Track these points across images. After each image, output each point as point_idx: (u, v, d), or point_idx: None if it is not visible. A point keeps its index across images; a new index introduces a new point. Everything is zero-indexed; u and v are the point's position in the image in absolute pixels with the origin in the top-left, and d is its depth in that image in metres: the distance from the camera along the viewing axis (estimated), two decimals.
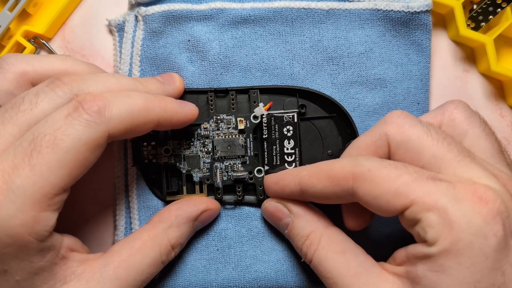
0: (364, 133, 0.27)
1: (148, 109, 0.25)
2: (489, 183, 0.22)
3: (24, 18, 0.33)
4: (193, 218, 0.29)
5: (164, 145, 0.30)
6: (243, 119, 0.31)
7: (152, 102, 0.26)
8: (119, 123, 0.24)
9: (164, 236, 0.27)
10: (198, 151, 0.31)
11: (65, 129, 0.23)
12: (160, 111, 0.26)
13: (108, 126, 0.24)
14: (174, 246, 0.28)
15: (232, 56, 0.31)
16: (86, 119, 0.23)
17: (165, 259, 0.27)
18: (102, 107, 0.24)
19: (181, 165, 0.30)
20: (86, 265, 0.25)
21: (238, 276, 0.30)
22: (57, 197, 0.23)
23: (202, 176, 0.31)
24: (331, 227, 0.27)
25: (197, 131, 0.31)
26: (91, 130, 0.23)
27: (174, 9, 0.31)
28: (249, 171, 0.31)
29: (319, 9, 0.32)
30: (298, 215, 0.28)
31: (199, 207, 0.29)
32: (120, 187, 0.31)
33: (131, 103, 0.25)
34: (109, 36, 0.34)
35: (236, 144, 0.30)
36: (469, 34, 0.32)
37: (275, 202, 0.29)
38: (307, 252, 0.27)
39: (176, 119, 0.27)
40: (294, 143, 0.31)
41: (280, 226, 0.29)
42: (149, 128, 0.26)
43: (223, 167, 0.31)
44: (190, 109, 0.28)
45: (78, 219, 0.32)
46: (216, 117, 0.31)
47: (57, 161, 0.23)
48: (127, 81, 0.27)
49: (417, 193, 0.22)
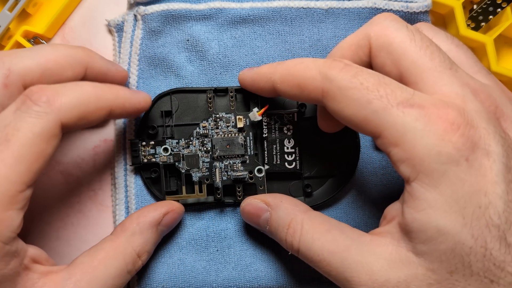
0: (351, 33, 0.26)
1: (99, 96, 0.25)
2: (466, 100, 0.22)
3: (24, 18, 0.33)
4: (156, 223, 0.28)
5: (163, 144, 0.30)
6: (242, 117, 0.30)
7: (102, 89, 0.26)
8: (70, 111, 0.24)
9: (127, 245, 0.27)
10: (197, 150, 0.30)
11: (15, 124, 0.22)
12: (111, 98, 0.26)
13: (59, 115, 0.23)
14: (140, 254, 0.27)
15: (231, 55, 0.31)
16: (35, 110, 0.23)
17: (131, 269, 0.27)
18: (51, 97, 0.23)
19: (180, 165, 0.30)
20: (48, 278, 0.24)
21: (238, 275, 0.30)
22: (20, 194, 0.22)
23: (201, 175, 0.30)
24: (310, 211, 0.27)
25: (196, 129, 0.30)
26: (42, 120, 0.23)
27: (173, 9, 0.31)
28: (249, 170, 0.30)
29: (318, 8, 0.32)
30: (275, 206, 0.27)
31: (161, 211, 0.28)
32: (120, 187, 0.31)
33: (81, 91, 0.25)
34: (109, 36, 0.34)
35: (235, 143, 0.30)
36: (469, 34, 0.32)
37: (251, 200, 0.28)
38: (292, 240, 0.26)
39: (129, 106, 0.27)
40: (294, 142, 0.30)
41: (261, 224, 0.28)
42: (102, 115, 0.26)
43: (223, 166, 0.30)
44: (143, 97, 0.28)
45: (78, 219, 0.32)
46: (215, 116, 0.30)
47: (13, 157, 0.22)
48: (65, 48, 0.27)
49: (385, 124, 0.21)
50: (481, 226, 0.20)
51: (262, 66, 0.27)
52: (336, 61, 0.23)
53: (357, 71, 0.23)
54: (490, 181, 0.20)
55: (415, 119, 0.21)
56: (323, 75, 0.23)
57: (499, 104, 0.24)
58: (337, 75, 0.23)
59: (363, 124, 0.22)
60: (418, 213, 0.21)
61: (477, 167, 0.20)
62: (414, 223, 0.21)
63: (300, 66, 0.24)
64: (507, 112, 0.24)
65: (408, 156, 0.21)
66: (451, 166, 0.20)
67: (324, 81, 0.23)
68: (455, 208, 0.20)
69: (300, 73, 0.24)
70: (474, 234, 0.20)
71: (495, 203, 0.20)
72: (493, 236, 0.20)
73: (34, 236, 0.31)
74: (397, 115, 0.21)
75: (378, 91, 0.22)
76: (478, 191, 0.20)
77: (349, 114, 0.22)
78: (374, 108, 0.22)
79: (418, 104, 0.21)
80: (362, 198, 0.31)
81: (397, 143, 0.21)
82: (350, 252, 0.23)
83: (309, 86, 0.24)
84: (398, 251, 0.22)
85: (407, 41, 0.23)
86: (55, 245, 0.31)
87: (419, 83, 0.23)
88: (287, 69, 0.25)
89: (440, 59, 0.23)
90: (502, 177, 0.20)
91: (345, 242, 0.24)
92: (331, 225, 0.25)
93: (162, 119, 0.30)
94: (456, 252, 0.20)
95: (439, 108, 0.21)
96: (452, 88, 0.22)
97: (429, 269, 0.21)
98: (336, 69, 0.23)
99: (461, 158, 0.20)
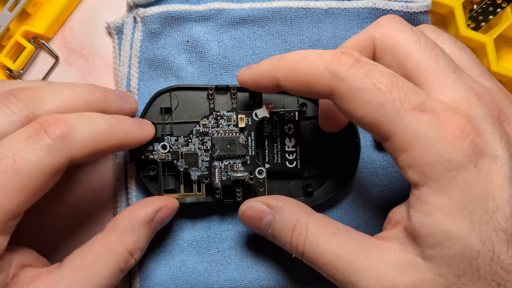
0: (355, 34, 0.26)
1: (111, 134, 0.25)
2: (471, 104, 0.22)
3: (24, 18, 0.33)
4: (148, 220, 0.27)
5: (162, 140, 0.29)
6: (244, 117, 0.30)
7: (114, 127, 0.25)
8: (82, 149, 0.23)
9: (119, 243, 0.26)
10: (197, 148, 0.30)
11: (25, 153, 0.22)
12: (121, 136, 0.26)
13: (71, 152, 0.23)
14: (132, 252, 0.26)
15: (231, 56, 0.31)
16: (48, 143, 0.22)
17: (124, 267, 0.26)
18: (66, 132, 0.23)
19: (178, 163, 0.30)
20: (38, 281, 0.24)
21: (239, 276, 0.30)
22: (10, 221, 0.22)
23: (200, 175, 0.29)
24: (314, 213, 0.26)
25: (195, 127, 0.30)
26: (52, 156, 0.22)
27: (172, 10, 0.31)
28: (249, 171, 0.29)
29: (318, 9, 0.32)
30: (278, 208, 0.26)
31: (153, 207, 0.28)
32: (120, 187, 0.31)
33: (94, 128, 0.24)
34: (109, 36, 0.34)
35: (236, 143, 0.29)
36: (469, 34, 0.32)
37: (252, 202, 0.27)
38: (298, 243, 0.25)
39: (135, 142, 0.27)
40: (295, 141, 0.30)
41: (262, 228, 0.27)
42: (109, 152, 0.26)
43: (222, 166, 0.29)
44: (148, 131, 0.28)
45: (78, 219, 0.32)
46: (216, 113, 0.30)
47: (15, 186, 0.22)
48: (84, 92, 0.26)
49: (397, 129, 0.21)
50: (488, 230, 0.20)
51: (261, 64, 0.25)
52: (345, 55, 0.22)
53: (368, 69, 0.21)
54: (498, 186, 0.20)
55: (427, 125, 0.21)
56: (332, 72, 0.22)
57: (502, 107, 0.24)
58: (347, 73, 0.21)
59: (373, 127, 0.22)
60: (426, 218, 0.21)
61: (485, 173, 0.21)
62: (422, 228, 0.21)
63: (305, 62, 0.23)
64: (510, 116, 0.24)
65: (418, 162, 0.21)
66: (460, 172, 0.20)
67: (333, 79, 0.22)
68: (464, 213, 0.20)
69: (305, 69, 0.23)
70: (482, 238, 0.20)
71: (503, 207, 0.20)
72: (500, 239, 0.20)
73: (33, 236, 0.31)
74: (410, 121, 0.21)
75: (391, 94, 0.21)
76: (486, 196, 0.20)
77: (360, 115, 0.22)
78: (387, 112, 0.21)
79: (431, 109, 0.21)
80: (363, 198, 0.31)
81: (406, 148, 0.21)
82: (357, 256, 0.23)
83: (317, 84, 0.22)
84: (405, 255, 0.22)
85: (412, 44, 0.23)
86: (55, 245, 0.31)
87: (424, 85, 0.23)
88: (291, 65, 0.23)
89: (445, 62, 0.23)
90: (509, 181, 0.21)
91: (352, 246, 0.23)
92: (337, 228, 0.25)
93: (162, 116, 0.30)
94: (465, 256, 0.20)
95: (450, 114, 0.21)
96: (457, 92, 0.22)
97: (437, 273, 0.21)
98: (345, 65, 0.22)
99: (470, 164, 0.20)
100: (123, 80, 0.32)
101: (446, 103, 0.21)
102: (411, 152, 0.21)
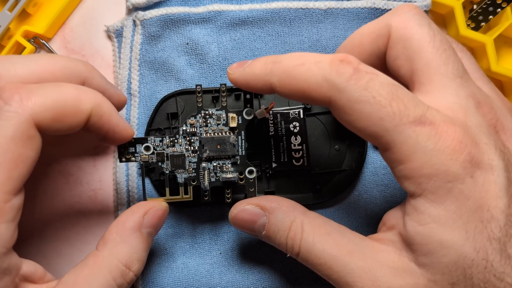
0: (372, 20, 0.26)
1: (79, 99, 0.23)
2: (467, 114, 0.22)
3: (24, 18, 0.33)
4: (137, 226, 0.25)
5: (145, 142, 0.27)
6: (235, 116, 0.28)
7: (84, 92, 0.23)
8: (44, 111, 0.22)
9: (111, 258, 0.24)
10: (183, 149, 0.28)
11: None
12: (93, 102, 0.23)
13: (32, 115, 0.21)
14: (128, 264, 0.25)
15: (231, 58, 0.31)
16: (6, 110, 0.21)
17: (122, 282, 0.25)
18: (24, 95, 0.21)
19: (163, 165, 0.28)
20: None
21: (241, 278, 0.30)
22: (6, 205, 0.21)
23: (187, 177, 0.28)
24: (308, 212, 0.26)
25: (182, 127, 0.28)
26: (13, 122, 0.21)
27: (171, 13, 0.31)
28: (239, 171, 0.28)
29: (317, 9, 0.32)
30: (272, 209, 0.26)
31: (139, 212, 0.26)
32: (121, 187, 0.31)
33: (59, 91, 0.22)
34: (109, 38, 0.34)
35: (226, 143, 0.28)
36: (469, 34, 0.32)
37: (244, 205, 0.26)
38: (293, 244, 0.25)
39: (109, 121, 0.24)
40: (301, 139, 0.30)
41: (255, 230, 0.26)
42: (81, 120, 0.23)
43: (211, 167, 0.28)
44: (128, 126, 0.26)
45: (78, 219, 0.32)
46: (204, 112, 0.28)
47: None
48: (64, 61, 0.25)
49: (395, 141, 0.21)
50: (483, 239, 0.20)
51: (254, 64, 0.24)
52: (343, 63, 0.21)
53: (368, 80, 0.21)
54: (493, 196, 0.21)
55: (426, 138, 0.21)
56: (330, 83, 0.21)
57: (499, 116, 0.24)
58: (346, 84, 0.21)
59: (372, 138, 0.22)
60: (421, 227, 0.21)
61: (481, 183, 0.21)
62: (416, 236, 0.21)
63: (302, 69, 0.22)
64: (507, 125, 0.24)
65: (415, 175, 0.21)
66: (456, 184, 0.21)
67: (332, 90, 0.21)
68: (459, 223, 0.21)
69: (302, 77, 0.22)
70: (476, 247, 0.20)
71: (497, 217, 0.21)
72: (494, 248, 0.20)
73: (34, 236, 0.31)
74: (409, 135, 0.21)
75: (391, 107, 0.21)
76: (481, 206, 0.21)
77: (359, 127, 0.21)
78: (386, 126, 0.21)
79: (430, 121, 0.21)
80: (364, 198, 0.32)
81: (404, 160, 0.21)
82: (353, 257, 0.23)
83: (314, 93, 0.21)
84: (400, 260, 0.22)
85: (427, 40, 0.23)
86: (55, 245, 0.31)
87: (428, 85, 0.23)
88: (286, 72, 0.22)
89: (454, 66, 0.23)
90: (505, 191, 0.21)
91: (347, 247, 0.24)
92: (331, 227, 0.25)
93: (169, 121, 0.30)
94: (458, 264, 0.21)
95: (448, 126, 0.21)
96: (457, 99, 0.22)
97: (430, 280, 0.21)
98: (344, 75, 0.21)
99: (466, 176, 0.21)
100: (124, 83, 0.32)
101: (443, 113, 0.22)
102: (409, 164, 0.21)
